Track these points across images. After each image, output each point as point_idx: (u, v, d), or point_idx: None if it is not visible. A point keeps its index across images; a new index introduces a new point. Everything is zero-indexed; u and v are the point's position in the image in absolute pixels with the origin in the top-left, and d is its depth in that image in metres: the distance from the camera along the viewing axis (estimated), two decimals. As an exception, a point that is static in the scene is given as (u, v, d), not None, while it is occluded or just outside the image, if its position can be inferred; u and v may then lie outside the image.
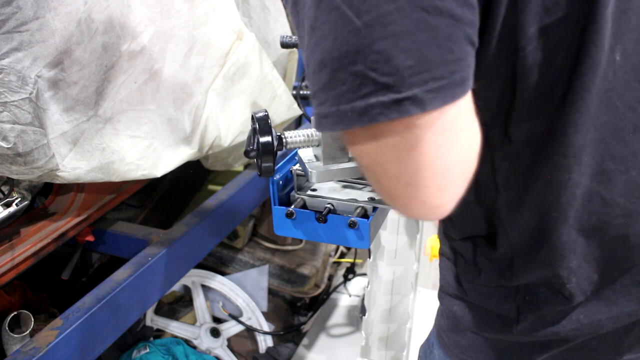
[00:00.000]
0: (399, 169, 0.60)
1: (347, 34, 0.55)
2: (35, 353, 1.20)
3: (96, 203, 1.62)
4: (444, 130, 0.58)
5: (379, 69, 0.55)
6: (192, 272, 2.23)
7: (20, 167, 1.20)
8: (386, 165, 0.61)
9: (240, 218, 1.99)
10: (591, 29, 0.63)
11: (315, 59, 0.59)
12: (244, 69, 1.63)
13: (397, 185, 0.62)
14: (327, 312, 2.63)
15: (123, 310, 1.44)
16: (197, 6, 1.45)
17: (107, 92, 1.32)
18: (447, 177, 0.61)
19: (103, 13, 1.24)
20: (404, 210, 0.66)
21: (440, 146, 0.59)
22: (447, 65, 0.56)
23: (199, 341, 2.29)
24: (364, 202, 1.05)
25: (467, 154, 0.62)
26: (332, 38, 0.56)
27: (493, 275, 0.83)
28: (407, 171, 0.60)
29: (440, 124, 0.57)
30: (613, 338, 0.80)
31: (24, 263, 1.41)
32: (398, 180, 0.61)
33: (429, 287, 2.55)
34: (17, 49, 1.09)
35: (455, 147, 0.60)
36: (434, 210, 0.63)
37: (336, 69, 0.57)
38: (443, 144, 0.59)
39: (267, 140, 0.95)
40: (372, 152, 0.61)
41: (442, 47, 0.55)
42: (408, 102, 0.55)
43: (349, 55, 0.56)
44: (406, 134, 0.57)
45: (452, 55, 0.56)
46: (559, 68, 0.65)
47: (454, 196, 0.63)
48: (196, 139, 1.56)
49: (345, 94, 0.57)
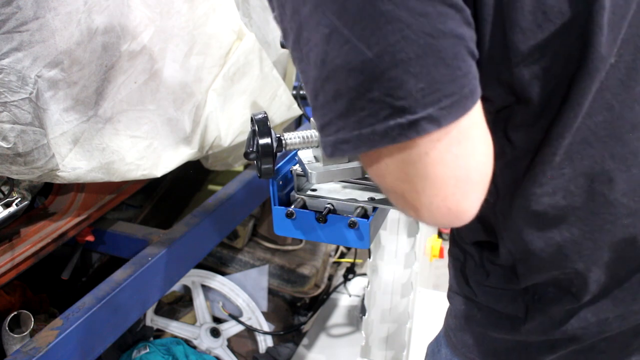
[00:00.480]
0: (424, 183, 0.63)
1: (361, 65, 0.59)
2: (35, 353, 1.20)
3: (96, 203, 1.62)
4: (460, 140, 0.61)
5: (393, 94, 0.59)
6: (192, 272, 2.23)
7: (20, 167, 1.20)
8: (411, 181, 0.64)
9: (240, 218, 1.99)
10: (588, 38, 0.64)
11: (328, 90, 0.62)
12: (244, 69, 1.63)
13: (422, 198, 0.64)
14: (327, 312, 2.63)
15: (123, 310, 1.44)
16: (197, 6, 1.45)
17: (107, 92, 1.32)
18: (469, 183, 0.63)
19: (103, 13, 1.24)
20: (430, 220, 0.67)
21: (460, 155, 0.62)
22: (456, 82, 0.59)
23: (199, 341, 2.29)
24: (364, 202, 1.05)
25: (484, 159, 0.65)
26: (347, 70, 0.60)
27: (500, 279, 0.84)
28: (431, 184, 0.63)
29: (456, 135, 0.61)
30: (622, 340, 0.81)
31: (24, 263, 1.41)
32: (424, 192, 0.64)
33: (429, 287, 2.55)
34: (17, 49, 1.09)
35: (473, 154, 0.63)
36: (460, 216, 0.65)
37: (354, 98, 0.60)
38: (462, 153, 0.62)
39: (267, 142, 0.95)
40: (396, 171, 0.64)
41: (450, 66, 0.59)
42: (424, 121, 0.59)
43: (365, 84, 0.59)
44: (427, 149, 0.61)
45: (460, 72, 0.60)
46: (557, 78, 0.67)
47: (478, 200, 0.66)
48: (196, 139, 1.56)
49: (365, 119, 0.61)
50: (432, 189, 0.63)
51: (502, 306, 0.85)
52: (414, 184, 0.64)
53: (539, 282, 0.80)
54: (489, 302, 0.87)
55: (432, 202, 0.64)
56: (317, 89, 0.64)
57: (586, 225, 0.73)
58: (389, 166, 0.64)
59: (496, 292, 0.85)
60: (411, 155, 0.61)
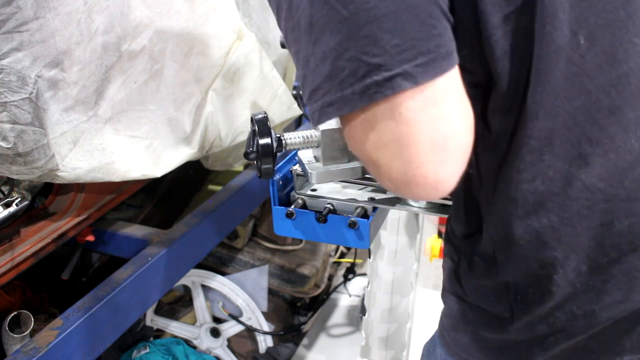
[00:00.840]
0: (399, 147, 0.63)
1: (337, 24, 0.61)
2: (35, 353, 1.20)
3: (96, 203, 1.62)
4: (436, 102, 0.62)
5: (369, 52, 0.60)
6: (192, 272, 2.23)
7: (20, 167, 1.20)
8: (386, 146, 0.64)
9: (240, 218, 1.99)
10: (548, 14, 0.65)
11: (317, 53, 0.64)
12: (244, 69, 1.63)
13: (398, 165, 0.64)
14: (327, 312, 2.63)
15: (123, 310, 1.44)
16: (197, 6, 1.45)
17: (107, 92, 1.32)
18: (445, 151, 0.63)
19: (103, 13, 1.24)
20: (407, 191, 0.68)
21: (435, 118, 0.62)
22: (431, 40, 0.60)
23: (199, 341, 2.29)
24: (364, 202, 1.05)
25: (462, 127, 0.64)
26: (328, 30, 0.62)
27: (482, 270, 0.84)
28: (406, 148, 0.63)
29: (432, 95, 0.61)
30: (613, 338, 0.80)
31: (24, 263, 1.41)
32: (399, 158, 0.64)
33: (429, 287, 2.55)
34: (17, 49, 1.09)
35: (449, 120, 0.63)
36: (436, 186, 0.65)
37: (335, 58, 0.62)
38: (438, 115, 0.62)
39: (267, 142, 0.95)
40: (373, 136, 0.64)
41: (424, 23, 0.60)
42: (400, 77, 0.60)
43: (342, 43, 0.61)
44: (402, 109, 0.61)
45: (435, 30, 0.61)
46: (523, 55, 0.68)
47: (455, 171, 0.65)
48: (196, 139, 1.56)
49: (345, 80, 0.62)
50: (407, 154, 0.63)
51: (489, 306, 0.85)
52: (389, 149, 0.64)
53: (519, 280, 0.80)
54: (478, 301, 0.87)
55: (407, 170, 0.64)
56: (308, 55, 0.65)
57: (564, 211, 0.73)
58: (366, 130, 0.65)
59: (483, 290, 0.85)
60: (386, 115, 0.62)
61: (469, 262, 0.87)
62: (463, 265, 0.89)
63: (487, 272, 0.83)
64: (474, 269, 0.86)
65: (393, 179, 0.66)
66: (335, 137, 0.99)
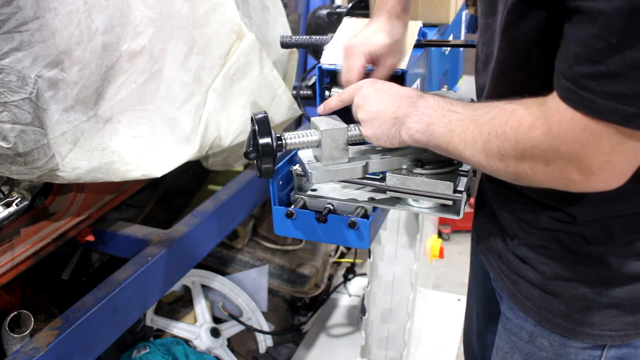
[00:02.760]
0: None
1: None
2: (35, 353, 1.20)
3: (96, 203, 1.62)
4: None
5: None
6: (192, 272, 2.23)
7: (20, 167, 1.20)
8: (629, 156, 0.72)
9: (240, 218, 1.99)
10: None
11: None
12: (244, 69, 1.63)
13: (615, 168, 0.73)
14: (327, 312, 2.63)
15: (123, 310, 1.44)
16: (197, 6, 1.45)
17: (107, 92, 1.32)
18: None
19: (103, 13, 1.24)
20: (598, 183, 0.75)
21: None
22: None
23: (199, 341, 2.29)
24: (364, 202, 1.05)
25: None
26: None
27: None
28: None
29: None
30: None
31: (24, 263, 1.41)
32: (627, 162, 0.73)
33: (429, 287, 2.55)
34: (17, 49, 1.09)
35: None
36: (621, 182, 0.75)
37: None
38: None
39: (267, 142, 0.95)
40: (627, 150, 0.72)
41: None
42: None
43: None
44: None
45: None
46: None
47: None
48: (196, 139, 1.56)
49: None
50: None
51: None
52: (628, 157, 0.72)
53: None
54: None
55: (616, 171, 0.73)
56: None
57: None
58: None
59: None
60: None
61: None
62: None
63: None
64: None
65: (591, 173, 0.73)
66: (335, 137, 0.99)
